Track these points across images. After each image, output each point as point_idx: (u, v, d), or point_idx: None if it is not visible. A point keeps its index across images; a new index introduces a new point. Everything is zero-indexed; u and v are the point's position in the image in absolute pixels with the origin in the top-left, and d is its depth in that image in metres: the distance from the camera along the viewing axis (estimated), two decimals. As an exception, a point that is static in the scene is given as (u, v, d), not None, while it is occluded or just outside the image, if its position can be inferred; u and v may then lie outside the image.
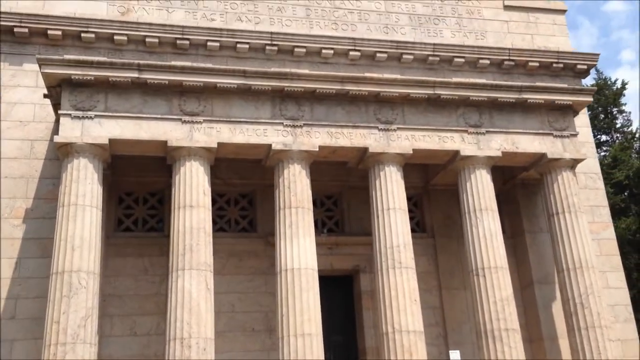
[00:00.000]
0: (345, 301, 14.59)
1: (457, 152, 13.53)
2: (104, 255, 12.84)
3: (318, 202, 14.87)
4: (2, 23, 14.03)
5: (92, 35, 14.49)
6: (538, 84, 14.75)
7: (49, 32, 14.29)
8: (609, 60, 44.83)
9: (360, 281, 14.21)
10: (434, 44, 16.37)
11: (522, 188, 15.49)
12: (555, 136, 14.06)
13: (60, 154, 12.19)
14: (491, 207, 13.29)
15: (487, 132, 13.78)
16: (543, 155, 13.90)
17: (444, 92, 13.57)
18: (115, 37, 14.63)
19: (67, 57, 12.36)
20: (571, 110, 14.42)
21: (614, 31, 51.50)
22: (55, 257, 11.34)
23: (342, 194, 15.19)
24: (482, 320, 12.42)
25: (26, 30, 14.19)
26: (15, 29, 14.13)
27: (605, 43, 53.28)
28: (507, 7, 17.94)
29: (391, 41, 16.20)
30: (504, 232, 13.47)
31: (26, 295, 12.46)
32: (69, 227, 11.45)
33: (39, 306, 12.08)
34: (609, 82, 31.63)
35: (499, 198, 13.69)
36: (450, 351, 12.69)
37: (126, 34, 14.69)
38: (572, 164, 14.04)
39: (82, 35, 14.44)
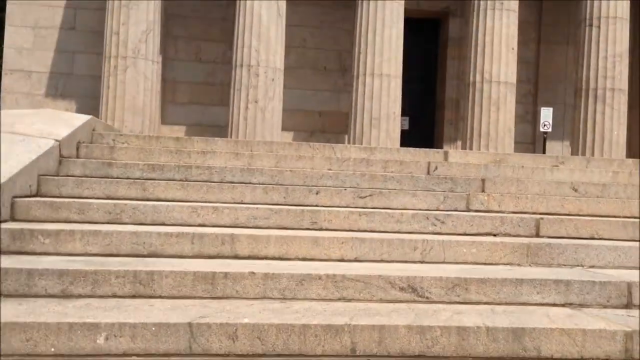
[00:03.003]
0: (428, 48, 13.35)
1: None
2: (166, -30, 11.75)
3: None
4: None
5: None
6: None
7: None
8: None
9: (449, 26, 12.77)
10: None
11: None
12: None
13: None
14: (620, -54, 11.14)
15: None
16: None
17: None
18: None
19: None
20: None
21: None
22: (112, -39, 10.32)
23: None
24: (585, 76, 11.08)
25: None
26: None
27: None
28: None
29: None
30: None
31: (86, 6, 11.74)
32: None
33: (99, 18, 11.42)
34: None
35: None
36: (542, 108, 11.61)
37: None
38: None
39: None
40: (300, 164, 6.76)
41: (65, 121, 6.54)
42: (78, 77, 11.74)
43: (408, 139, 12.21)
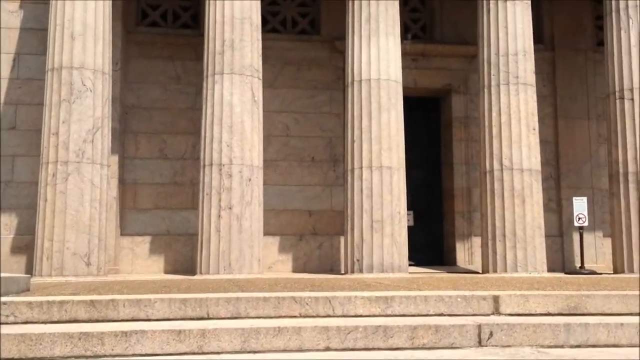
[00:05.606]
0: (428, 130, 10.68)
1: None
2: (123, 55, 9.15)
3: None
4: None
5: None
6: None
7: None
8: None
9: (452, 105, 10.16)
10: None
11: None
12: None
13: None
14: (646, 8, 8.75)
15: None
16: None
17: None
18: None
19: None
20: None
21: None
22: (50, 48, 7.71)
23: (432, -9, 10.71)
24: (622, 158, 8.45)
25: None
26: None
27: None
28: None
29: None
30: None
31: (29, 101, 9.02)
32: (66, 8, 7.68)
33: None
34: None
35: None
36: (574, 198, 8.97)
37: None
38: None
39: None
40: (280, 343, 3.90)
41: None
42: (19, 184, 8.92)
43: (413, 237, 9.41)
